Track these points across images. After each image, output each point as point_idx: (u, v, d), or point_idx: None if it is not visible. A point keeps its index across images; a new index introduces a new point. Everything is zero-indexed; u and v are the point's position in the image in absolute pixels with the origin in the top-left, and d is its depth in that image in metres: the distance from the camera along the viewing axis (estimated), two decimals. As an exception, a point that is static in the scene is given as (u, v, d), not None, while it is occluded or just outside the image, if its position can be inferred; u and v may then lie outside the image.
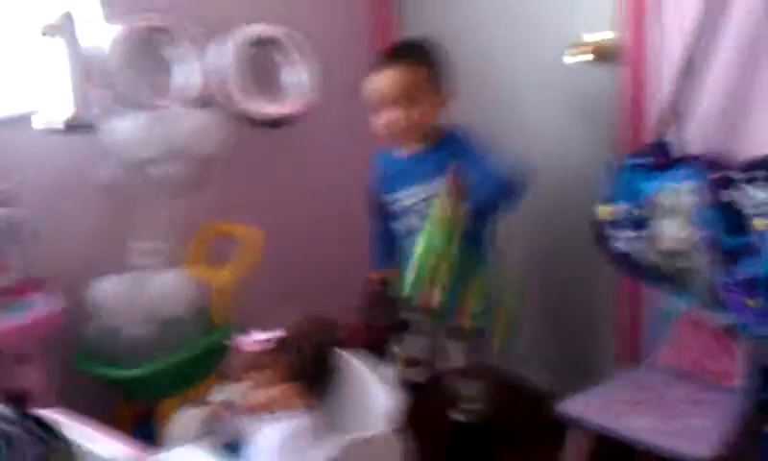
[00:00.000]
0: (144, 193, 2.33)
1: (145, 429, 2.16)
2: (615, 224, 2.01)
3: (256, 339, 1.62)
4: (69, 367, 2.25)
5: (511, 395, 2.67)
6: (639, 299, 2.23)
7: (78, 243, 2.39)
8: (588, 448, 2.04)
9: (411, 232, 2.18)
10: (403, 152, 2.17)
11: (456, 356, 2.27)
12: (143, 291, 2.31)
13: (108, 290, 2.29)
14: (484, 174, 1.96)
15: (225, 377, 1.73)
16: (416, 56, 2.10)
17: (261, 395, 1.59)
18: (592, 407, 2.01)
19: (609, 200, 2.02)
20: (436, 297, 2.01)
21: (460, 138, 2.12)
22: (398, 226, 2.23)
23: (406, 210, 2.19)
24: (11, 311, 2.08)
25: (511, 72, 2.55)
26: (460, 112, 2.34)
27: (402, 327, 2.29)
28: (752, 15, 1.85)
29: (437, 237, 2.00)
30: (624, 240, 1.99)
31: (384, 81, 2.07)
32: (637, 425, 1.92)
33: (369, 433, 1.44)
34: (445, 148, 2.11)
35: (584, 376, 2.20)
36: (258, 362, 1.61)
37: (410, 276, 2.01)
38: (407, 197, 2.17)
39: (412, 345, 2.31)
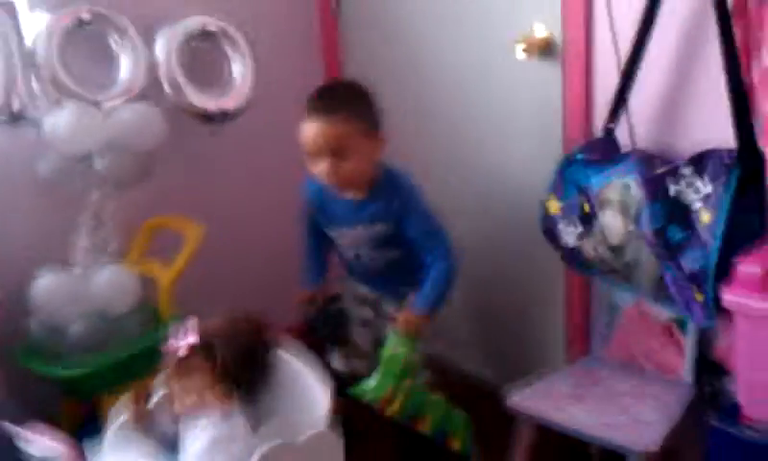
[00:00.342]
0: (85, 188, 2.27)
1: (93, 426, 2.12)
2: (563, 218, 2.00)
3: (183, 342, 1.59)
4: (13, 363, 2.20)
5: (460, 389, 2.66)
6: (589, 292, 2.22)
7: (17, 238, 2.33)
8: (533, 440, 2.03)
9: (357, 256, 2.19)
10: (341, 196, 2.13)
11: None
12: (85, 287, 2.26)
13: (50, 287, 2.23)
14: (431, 286, 2.07)
15: (158, 381, 1.70)
16: (347, 107, 2.02)
17: (189, 398, 1.57)
18: (537, 400, 2.01)
19: (556, 194, 2.01)
20: (396, 406, 2.05)
21: (398, 187, 2.10)
22: (340, 248, 2.23)
23: (347, 244, 2.19)
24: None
25: (455, 70, 2.53)
26: (408, 113, 2.34)
27: (344, 340, 2.29)
28: (695, 11, 1.84)
29: (402, 345, 2.03)
30: (572, 234, 1.99)
31: (315, 132, 1.99)
32: (582, 418, 1.93)
33: (299, 435, 1.41)
34: (384, 196, 2.09)
35: (534, 370, 2.19)
36: (186, 365, 1.58)
37: (372, 382, 2.02)
38: (348, 233, 2.17)
39: (359, 337, 2.29)
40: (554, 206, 2.00)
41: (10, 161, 2.29)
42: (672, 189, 1.76)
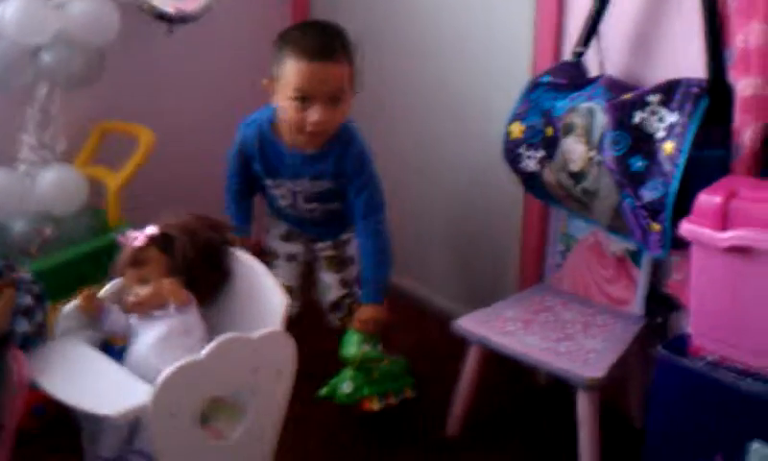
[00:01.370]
0: (33, 82, 2.18)
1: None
2: (525, 142, 1.98)
3: (140, 234, 1.55)
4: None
5: (413, 314, 2.67)
6: (545, 221, 2.23)
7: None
8: (480, 365, 2.04)
9: (291, 205, 2.12)
10: (291, 147, 2.03)
11: (331, 288, 2.22)
12: (30, 186, 2.19)
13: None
14: (377, 273, 2.08)
15: (113, 274, 1.65)
16: (346, 51, 1.95)
17: (142, 290, 1.53)
18: (484, 324, 2.02)
19: (520, 118, 1.99)
20: (375, 405, 2.06)
21: (352, 146, 2.04)
22: (271, 195, 2.15)
23: (283, 194, 2.11)
24: None
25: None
26: (376, 33, 2.23)
27: None
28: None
29: (367, 343, 2.03)
30: (533, 159, 1.98)
31: (320, 75, 1.89)
32: (528, 343, 1.94)
33: (251, 332, 1.39)
34: (336, 153, 2.02)
35: (487, 297, 2.19)
36: (141, 257, 1.56)
37: (346, 387, 2.02)
38: (287, 184, 2.08)
39: (285, 273, 2.21)
40: (517, 130, 1.98)
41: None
42: (637, 117, 1.75)
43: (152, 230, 1.57)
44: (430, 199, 2.64)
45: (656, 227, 1.74)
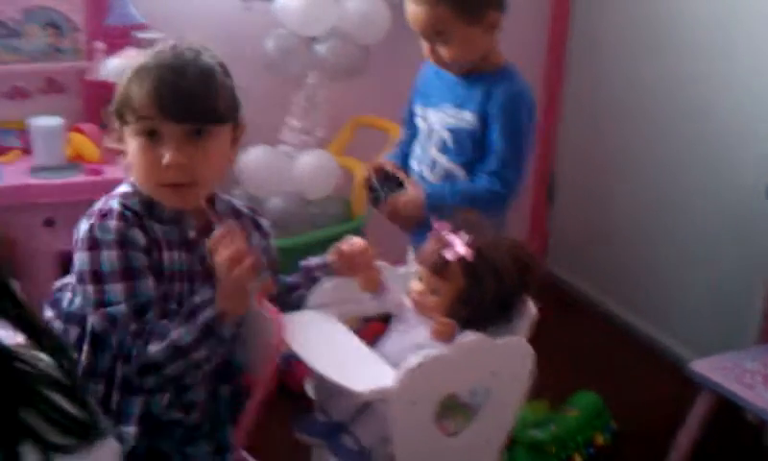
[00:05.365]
0: (303, 70, 2.34)
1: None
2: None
3: (456, 247, 1.40)
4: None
5: (635, 354, 2.60)
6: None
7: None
8: (710, 413, 1.95)
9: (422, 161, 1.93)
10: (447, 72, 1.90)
11: None
12: (289, 166, 2.34)
13: (257, 160, 2.32)
14: (464, 188, 1.83)
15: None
16: None
17: (426, 296, 1.44)
18: (724, 372, 1.92)
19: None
20: None
21: (504, 81, 1.84)
22: (414, 145, 1.97)
23: (427, 134, 1.92)
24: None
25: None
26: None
27: None
28: None
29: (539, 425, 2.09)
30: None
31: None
32: (770, 400, 1.82)
33: (498, 338, 1.41)
34: (487, 81, 1.84)
35: (723, 347, 2.10)
36: (441, 267, 1.41)
37: None
38: (431, 115, 1.91)
39: None
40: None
41: (242, 37, 2.38)
42: None
43: (465, 250, 1.41)
44: (672, 236, 2.56)
45: None
